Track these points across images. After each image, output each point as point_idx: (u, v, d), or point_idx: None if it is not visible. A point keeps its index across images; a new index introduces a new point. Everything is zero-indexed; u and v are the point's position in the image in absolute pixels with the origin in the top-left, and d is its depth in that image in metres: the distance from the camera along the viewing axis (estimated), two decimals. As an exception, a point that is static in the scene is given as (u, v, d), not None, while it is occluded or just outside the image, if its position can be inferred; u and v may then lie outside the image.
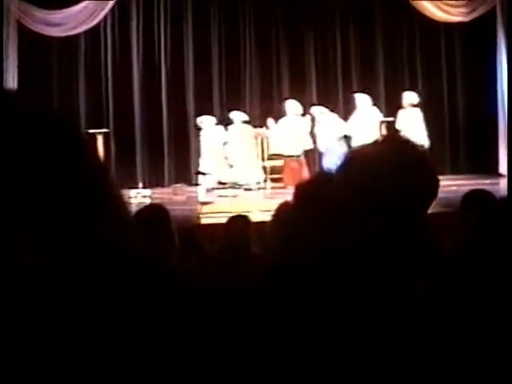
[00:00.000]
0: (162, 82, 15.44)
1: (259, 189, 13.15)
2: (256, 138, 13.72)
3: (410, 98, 13.79)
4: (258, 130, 13.84)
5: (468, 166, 15.23)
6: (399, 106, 13.85)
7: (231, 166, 13.38)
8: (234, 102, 15.20)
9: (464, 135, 15.75)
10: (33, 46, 14.29)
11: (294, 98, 14.08)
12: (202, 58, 15.46)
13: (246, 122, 13.67)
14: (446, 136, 15.79)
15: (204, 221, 9.60)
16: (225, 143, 13.47)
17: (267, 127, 13.91)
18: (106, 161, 11.62)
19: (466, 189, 5.06)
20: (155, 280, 0.94)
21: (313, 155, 14.14)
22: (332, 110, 13.87)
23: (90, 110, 14.85)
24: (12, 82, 13.06)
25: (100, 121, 14.46)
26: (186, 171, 13.66)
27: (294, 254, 1.51)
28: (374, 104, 13.94)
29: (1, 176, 0.80)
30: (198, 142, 13.74)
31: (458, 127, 15.82)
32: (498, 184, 11.70)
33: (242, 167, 13.32)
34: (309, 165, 13.63)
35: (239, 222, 4.89)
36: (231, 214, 5.28)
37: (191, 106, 15.35)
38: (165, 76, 15.46)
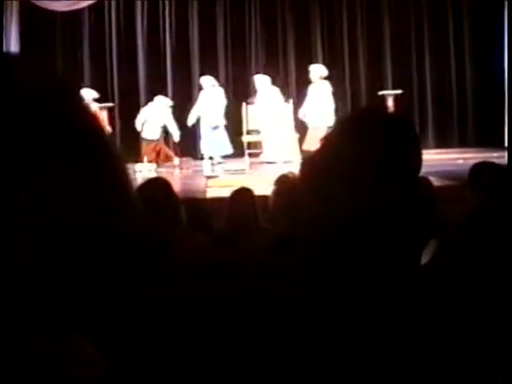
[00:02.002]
0: (167, 57, 15.41)
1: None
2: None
3: (318, 71, 13.22)
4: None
5: (476, 140, 15.21)
6: (404, 78, 13.74)
7: None
8: (240, 77, 15.16)
9: (472, 109, 15.70)
10: (36, 21, 14.23)
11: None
12: (208, 31, 15.41)
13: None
14: (453, 109, 15.77)
15: (210, 195, 9.60)
16: None
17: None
18: (111, 135, 11.60)
19: (474, 162, 5.04)
20: (157, 255, 0.93)
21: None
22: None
23: (95, 85, 14.82)
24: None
25: (105, 95, 14.45)
26: (191, 145, 13.64)
27: (299, 225, 1.50)
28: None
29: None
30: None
31: (465, 101, 15.77)
32: (505, 157, 11.68)
33: None
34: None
35: (244, 194, 4.85)
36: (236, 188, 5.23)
37: (196, 82, 15.32)
38: (169, 50, 15.42)
